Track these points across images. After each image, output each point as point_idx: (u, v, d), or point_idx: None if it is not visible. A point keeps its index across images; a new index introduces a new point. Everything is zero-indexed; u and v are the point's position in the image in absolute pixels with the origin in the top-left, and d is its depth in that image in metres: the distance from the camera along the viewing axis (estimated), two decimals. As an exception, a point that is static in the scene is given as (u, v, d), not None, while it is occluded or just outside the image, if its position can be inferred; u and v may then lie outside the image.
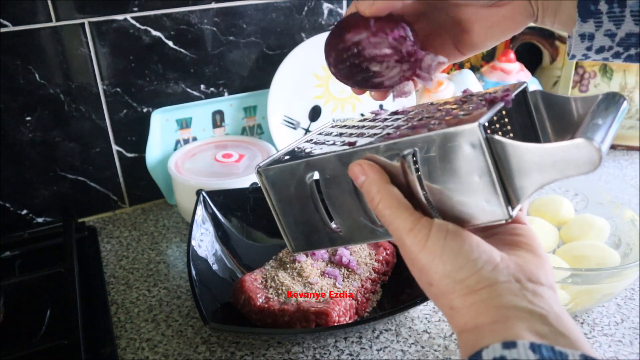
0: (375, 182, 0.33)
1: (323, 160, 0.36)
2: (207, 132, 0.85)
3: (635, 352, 0.54)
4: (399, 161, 0.33)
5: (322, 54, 0.39)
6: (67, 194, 0.78)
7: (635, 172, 0.91)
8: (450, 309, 0.31)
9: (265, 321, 0.54)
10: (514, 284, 0.30)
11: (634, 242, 0.61)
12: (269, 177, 0.38)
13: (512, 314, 0.28)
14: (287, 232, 0.39)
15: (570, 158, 0.27)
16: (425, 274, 0.32)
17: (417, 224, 0.32)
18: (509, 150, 0.29)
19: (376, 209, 0.33)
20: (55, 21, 0.68)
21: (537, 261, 0.32)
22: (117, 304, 0.62)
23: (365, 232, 0.36)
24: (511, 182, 0.30)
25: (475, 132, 0.29)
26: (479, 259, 0.30)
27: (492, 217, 0.31)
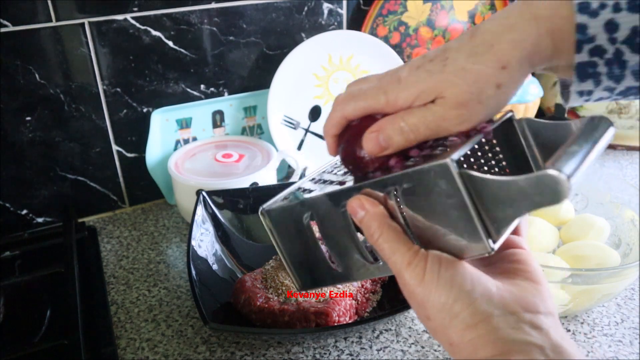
0: (375, 216, 0.33)
1: (315, 200, 0.36)
2: (207, 132, 0.85)
3: (635, 352, 0.54)
4: (383, 197, 0.33)
5: (322, 54, 0.39)
6: (67, 194, 0.78)
7: (635, 172, 0.91)
8: (450, 345, 0.31)
9: (265, 321, 0.54)
10: (510, 317, 0.30)
11: (634, 242, 0.61)
12: (271, 218, 0.39)
13: (510, 348, 0.28)
14: (292, 271, 0.40)
15: (539, 190, 0.27)
16: (423, 307, 0.31)
17: (414, 257, 0.31)
18: (481, 185, 0.29)
19: (376, 243, 0.33)
20: (55, 21, 0.68)
21: (534, 289, 0.32)
22: (117, 304, 0.62)
23: (361, 270, 0.37)
24: (489, 216, 0.30)
25: (447, 168, 0.30)
26: (472, 290, 0.30)
27: (475, 251, 0.31)
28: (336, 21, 0.87)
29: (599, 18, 0.28)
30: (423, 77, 0.31)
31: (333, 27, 0.87)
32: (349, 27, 0.89)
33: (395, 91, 0.32)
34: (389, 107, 0.33)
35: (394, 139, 0.32)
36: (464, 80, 0.30)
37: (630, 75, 0.29)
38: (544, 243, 0.62)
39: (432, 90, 0.31)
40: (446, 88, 0.31)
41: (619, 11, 0.27)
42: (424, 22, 0.93)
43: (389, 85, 0.33)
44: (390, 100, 0.32)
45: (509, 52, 0.30)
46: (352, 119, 0.35)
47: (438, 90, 0.31)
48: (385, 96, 0.33)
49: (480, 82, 0.30)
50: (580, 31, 0.28)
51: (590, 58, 0.29)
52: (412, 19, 0.92)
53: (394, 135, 0.32)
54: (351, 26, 0.89)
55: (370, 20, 0.89)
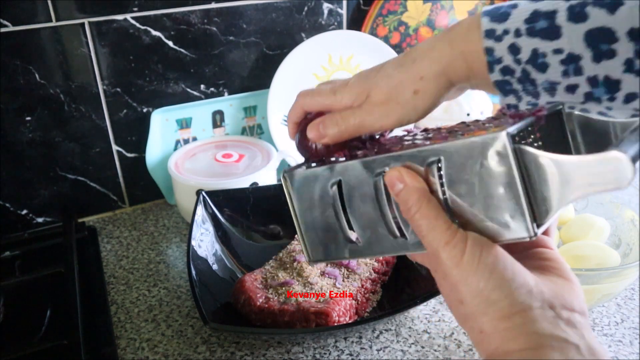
0: (414, 190, 0.32)
1: (348, 167, 0.35)
2: (207, 132, 0.85)
3: (635, 352, 0.54)
4: (424, 170, 0.32)
5: (322, 54, 0.41)
6: (67, 194, 0.78)
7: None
8: (480, 333, 0.30)
9: (265, 321, 0.54)
10: (548, 311, 0.29)
11: (634, 242, 0.61)
12: (293, 182, 0.38)
13: (546, 343, 0.28)
14: (305, 241, 0.39)
15: (602, 172, 0.26)
16: (456, 290, 0.31)
17: (453, 237, 0.31)
18: (537, 162, 0.28)
19: (412, 218, 0.32)
20: (55, 21, 0.68)
21: (569, 286, 0.32)
22: (117, 304, 0.62)
23: (384, 244, 0.36)
24: (538, 197, 0.29)
25: (503, 140, 0.29)
26: (513, 280, 0.30)
27: (516, 234, 0.30)
28: (336, 21, 0.87)
29: (503, 42, 0.31)
30: (362, 81, 0.37)
31: (333, 27, 0.87)
32: (349, 27, 0.89)
33: (341, 92, 0.38)
34: (336, 105, 0.38)
35: (329, 130, 0.37)
36: (387, 84, 0.36)
37: (544, 91, 0.32)
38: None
39: (364, 91, 0.37)
40: (373, 89, 0.36)
41: (519, 36, 0.31)
42: (424, 22, 0.93)
43: (339, 88, 0.38)
44: (337, 99, 0.38)
45: (426, 66, 0.34)
46: (308, 112, 0.40)
47: (368, 90, 0.37)
48: (334, 96, 0.38)
49: (400, 86, 0.35)
50: (489, 54, 0.32)
51: (503, 77, 0.32)
52: (412, 19, 0.92)
53: (329, 126, 0.37)
54: (351, 26, 0.89)
55: (370, 20, 0.89)
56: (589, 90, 0.30)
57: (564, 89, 0.31)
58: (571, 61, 0.29)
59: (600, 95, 0.30)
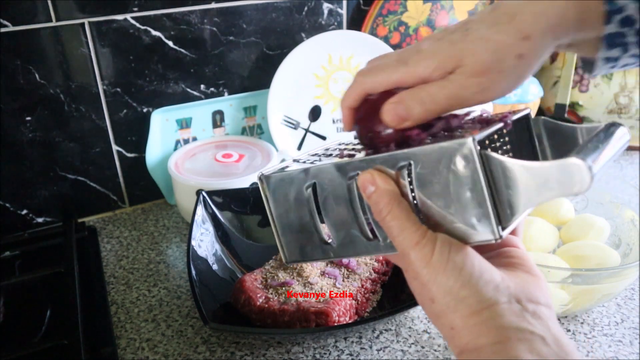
0: (385, 193, 0.32)
1: (321, 170, 0.36)
2: (207, 132, 0.85)
3: (635, 352, 0.54)
4: (395, 174, 0.33)
5: (322, 54, 0.40)
6: (67, 194, 0.78)
7: (635, 172, 0.91)
8: (451, 329, 0.31)
9: (265, 321, 0.54)
10: (514, 305, 0.30)
11: (634, 242, 0.61)
12: (269, 185, 0.38)
13: (513, 335, 0.28)
14: (282, 242, 0.40)
15: (562, 177, 0.27)
16: (427, 289, 0.31)
17: (423, 238, 0.31)
18: (502, 167, 0.29)
19: (383, 220, 0.32)
20: (55, 21, 0.68)
21: (534, 281, 0.32)
22: (117, 304, 0.62)
23: (357, 246, 0.36)
24: (502, 201, 0.30)
25: (469, 146, 0.29)
26: (480, 277, 0.30)
27: (482, 237, 0.31)
28: (336, 21, 0.87)
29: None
30: (444, 46, 0.31)
31: (333, 27, 0.87)
32: (349, 27, 0.89)
33: (415, 61, 0.32)
34: (409, 77, 0.32)
35: (413, 110, 0.32)
36: (485, 49, 0.30)
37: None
38: (544, 243, 0.62)
39: (452, 59, 0.31)
40: (466, 56, 0.30)
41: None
42: (424, 22, 0.93)
43: (410, 56, 0.32)
44: (410, 71, 0.32)
45: (531, 23, 0.29)
46: (371, 93, 0.34)
47: (458, 58, 0.31)
48: (406, 67, 0.32)
49: (501, 51, 0.30)
50: (610, 1, 0.28)
51: (620, 29, 0.29)
52: (412, 19, 0.92)
53: (413, 106, 0.32)
54: (351, 26, 0.89)
55: (370, 20, 0.89)
56: None
57: None
58: None
59: None
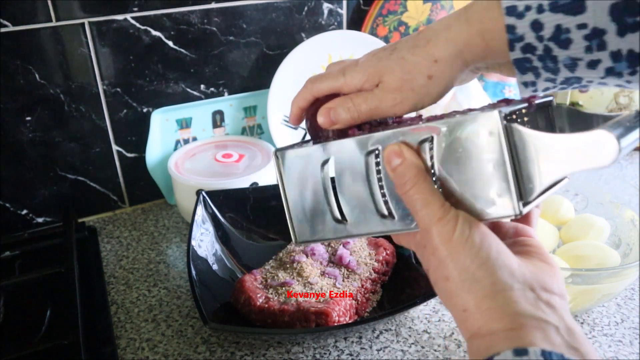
0: (411, 165, 0.33)
1: (340, 145, 0.36)
2: (207, 132, 0.85)
3: (635, 352, 0.54)
4: (416, 148, 0.33)
5: (322, 54, 0.40)
6: (67, 194, 0.78)
7: (635, 172, 0.91)
8: (464, 311, 0.31)
9: (265, 321, 0.54)
10: (529, 292, 0.30)
11: (634, 242, 0.61)
12: (284, 160, 0.38)
13: (527, 322, 0.28)
14: (293, 220, 0.39)
15: (588, 149, 0.27)
16: (444, 267, 0.31)
17: (447, 214, 0.31)
18: (526, 139, 0.29)
19: (406, 193, 0.33)
20: (55, 21, 0.68)
21: (549, 270, 0.32)
22: (117, 304, 0.62)
23: (371, 224, 0.36)
24: (524, 175, 0.30)
25: (495, 118, 0.30)
26: (497, 259, 0.30)
27: (503, 212, 0.31)
28: (336, 21, 0.87)
29: (525, 19, 0.30)
30: (373, 62, 0.36)
31: (333, 27, 0.87)
32: (349, 27, 0.89)
33: (352, 73, 0.37)
34: (346, 86, 0.37)
35: (341, 115, 0.37)
36: (401, 68, 0.35)
37: (564, 67, 0.31)
38: (544, 243, 0.61)
39: (377, 74, 0.36)
40: (386, 73, 0.35)
41: (542, 12, 0.30)
42: (424, 22, 0.93)
43: (349, 69, 0.37)
44: (347, 81, 0.37)
45: (442, 48, 0.33)
46: (318, 97, 0.39)
47: (381, 74, 0.35)
48: (344, 77, 0.37)
49: (414, 71, 0.34)
50: (510, 31, 0.31)
51: (524, 55, 0.31)
52: (412, 19, 0.92)
53: (341, 112, 0.37)
54: (351, 26, 0.89)
55: (370, 20, 0.89)
56: (610, 65, 0.30)
57: (586, 65, 0.31)
58: (595, 36, 0.29)
59: (621, 69, 0.30)
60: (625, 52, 0.29)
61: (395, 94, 0.35)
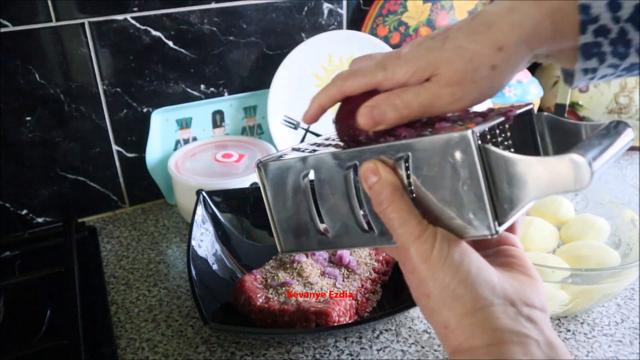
0: (387, 184, 0.32)
1: (319, 159, 0.35)
2: (207, 132, 0.85)
3: (635, 352, 0.54)
4: (392, 165, 0.32)
5: (322, 54, 0.39)
6: (67, 194, 0.78)
7: (635, 172, 0.91)
8: (445, 328, 0.30)
9: (265, 321, 0.54)
10: (510, 308, 0.30)
11: (634, 242, 0.61)
12: (267, 173, 0.38)
13: (507, 338, 0.28)
14: (278, 231, 0.39)
15: (561, 173, 0.27)
16: (424, 285, 0.31)
17: (424, 232, 0.31)
18: (500, 161, 0.29)
19: (384, 212, 0.32)
20: (55, 21, 0.68)
21: (531, 283, 0.32)
22: (117, 304, 0.62)
23: (353, 237, 0.36)
24: (500, 195, 0.30)
25: (468, 139, 0.29)
26: (478, 275, 0.30)
27: (478, 232, 0.31)
28: (336, 21, 0.87)
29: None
30: (422, 53, 0.32)
31: (333, 27, 0.87)
32: (349, 27, 0.89)
33: (394, 66, 0.32)
34: (387, 82, 0.33)
35: (387, 115, 0.32)
36: (460, 58, 0.31)
37: (635, 52, 0.29)
38: (544, 243, 0.62)
39: (429, 66, 0.31)
40: (442, 65, 0.31)
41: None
42: (424, 22, 0.93)
43: (389, 61, 0.33)
44: (388, 76, 0.33)
45: (507, 34, 0.30)
46: (350, 95, 0.35)
47: (434, 66, 0.31)
48: (384, 72, 0.33)
49: (476, 61, 0.30)
50: (584, 12, 0.28)
51: (595, 38, 0.29)
52: (412, 19, 0.92)
53: (387, 111, 0.32)
54: (351, 26, 0.89)
55: (370, 20, 0.89)
56: None
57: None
58: None
59: None
60: None
61: (454, 88, 0.31)
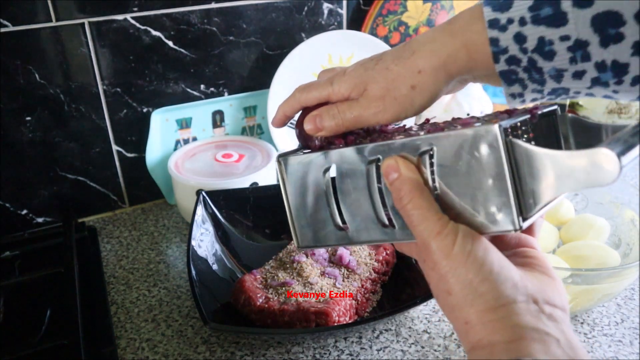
0: (407, 180, 0.32)
1: (341, 153, 0.36)
2: (207, 132, 0.85)
3: (635, 352, 0.54)
4: (416, 160, 0.33)
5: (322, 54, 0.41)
6: (67, 194, 0.78)
7: (635, 172, 0.90)
8: (465, 324, 0.31)
9: (265, 321, 0.54)
10: (532, 305, 0.30)
11: (634, 242, 0.61)
12: (287, 167, 0.38)
13: (528, 335, 0.28)
14: (295, 226, 0.39)
15: (589, 167, 0.27)
16: (445, 281, 0.31)
17: (444, 228, 0.31)
18: (527, 155, 0.29)
19: (404, 208, 0.33)
20: (55, 21, 0.68)
21: (551, 283, 0.32)
22: (117, 304, 0.62)
23: (372, 233, 0.36)
24: (525, 190, 0.29)
25: (495, 132, 0.29)
26: (500, 273, 0.30)
27: (502, 227, 0.31)
28: (336, 21, 0.87)
29: (508, 32, 0.31)
30: (360, 72, 0.37)
31: (333, 27, 0.87)
32: (349, 27, 0.89)
33: (339, 82, 0.37)
34: (334, 95, 0.38)
35: (325, 123, 0.37)
36: (384, 78, 0.35)
37: (550, 78, 0.31)
38: (544, 243, 0.62)
39: (362, 83, 0.36)
40: (370, 82, 0.36)
41: (524, 24, 0.30)
42: (424, 22, 0.93)
43: (336, 78, 0.38)
44: (335, 90, 0.38)
45: (426, 59, 0.34)
46: (307, 106, 0.39)
47: (365, 83, 0.36)
48: (331, 87, 0.38)
49: (397, 81, 0.35)
50: (494, 44, 0.31)
51: (509, 67, 0.32)
52: (412, 19, 0.92)
53: (326, 119, 0.37)
54: (351, 26, 0.89)
55: (370, 20, 0.89)
56: (596, 75, 0.30)
57: (571, 76, 0.31)
58: (579, 47, 0.29)
59: (607, 79, 0.30)
60: (610, 63, 0.29)
61: (378, 103, 0.36)
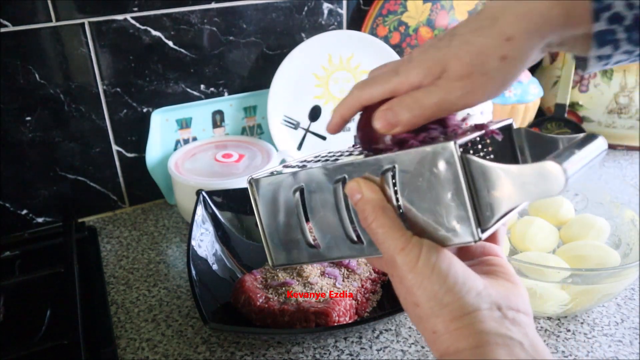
0: (369, 201, 0.33)
1: (309, 173, 0.37)
2: (207, 132, 0.85)
3: (635, 352, 0.54)
4: (379, 178, 0.34)
5: (322, 54, 0.40)
6: (67, 194, 0.78)
7: (635, 172, 0.91)
8: (433, 334, 0.31)
9: (265, 321, 0.54)
10: (495, 312, 0.31)
11: (634, 242, 0.61)
12: (259, 188, 0.39)
13: (492, 340, 0.29)
14: (269, 245, 0.40)
15: (538, 180, 0.28)
16: (412, 294, 0.32)
17: (408, 243, 0.32)
18: (481, 170, 0.30)
19: (369, 227, 0.33)
20: (55, 21, 0.68)
21: (515, 289, 0.33)
22: (117, 304, 0.62)
23: (343, 249, 0.37)
24: (482, 203, 0.31)
25: (451, 150, 0.31)
26: (464, 283, 0.31)
27: (463, 239, 0.32)
28: (336, 21, 0.87)
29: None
30: (431, 53, 0.32)
31: (333, 27, 0.87)
32: (349, 27, 0.89)
33: (406, 70, 0.33)
34: (402, 86, 0.33)
35: (401, 116, 0.32)
36: (467, 53, 0.31)
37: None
38: (544, 243, 0.62)
39: (438, 64, 0.31)
40: (450, 61, 0.31)
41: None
42: (424, 22, 0.93)
43: (401, 66, 0.33)
44: (402, 80, 0.33)
45: (514, 24, 0.30)
46: (369, 104, 0.35)
47: (443, 63, 0.31)
48: (398, 77, 0.33)
49: (484, 53, 0.30)
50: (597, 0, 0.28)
51: (609, 26, 0.28)
52: (412, 19, 0.92)
53: (401, 112, 0.32)
54: (351, 26, 0.89)
55: (370, 20, 0.89)
56: None
57: None
58: None
59: None
60: None
61: (464, 82, 0.31)
